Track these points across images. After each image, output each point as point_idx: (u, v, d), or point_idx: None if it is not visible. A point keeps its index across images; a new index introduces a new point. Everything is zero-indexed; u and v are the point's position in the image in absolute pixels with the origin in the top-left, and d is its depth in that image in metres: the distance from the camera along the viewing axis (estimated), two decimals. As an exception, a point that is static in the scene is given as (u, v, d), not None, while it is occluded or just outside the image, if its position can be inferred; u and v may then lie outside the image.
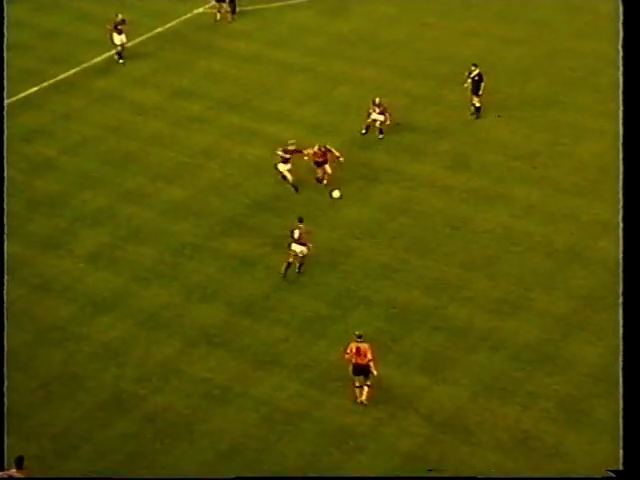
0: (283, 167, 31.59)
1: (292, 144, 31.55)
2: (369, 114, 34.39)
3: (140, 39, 40.92)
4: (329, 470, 22.53)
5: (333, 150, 31.48)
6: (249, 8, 43.89)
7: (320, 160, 31.52)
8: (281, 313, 27.23)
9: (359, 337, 23.92)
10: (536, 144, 33.92)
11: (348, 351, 23.90)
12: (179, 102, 37.54)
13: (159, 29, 42.20)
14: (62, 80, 38.48)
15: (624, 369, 24.14)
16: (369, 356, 23.70)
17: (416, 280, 28.15)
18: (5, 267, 21.17)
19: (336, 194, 30.73)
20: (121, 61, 39.63)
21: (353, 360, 23.89)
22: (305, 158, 31.64)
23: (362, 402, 24.15)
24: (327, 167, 31.60)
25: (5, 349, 20.88)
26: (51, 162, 33.90)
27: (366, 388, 24.10)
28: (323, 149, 31.37)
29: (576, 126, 34.71)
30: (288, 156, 31.35)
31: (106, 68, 39.87)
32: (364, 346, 23.79)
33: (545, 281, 27.93)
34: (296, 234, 27.96)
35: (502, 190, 31.68)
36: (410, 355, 25.62)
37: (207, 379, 25.09)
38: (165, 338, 26.47)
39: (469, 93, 34.77)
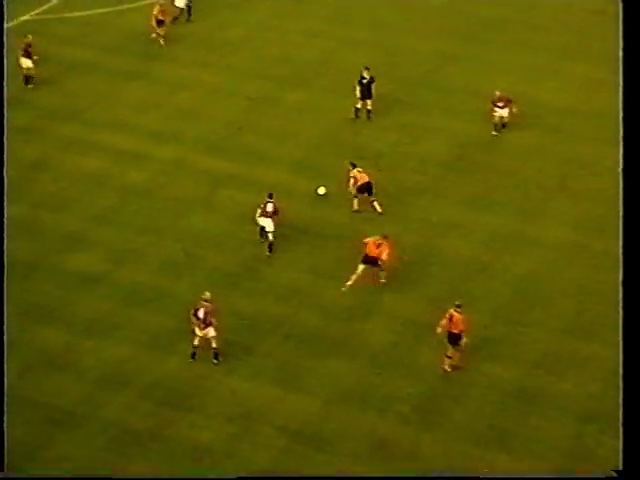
0: None
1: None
2: (493, 113, 34.02)
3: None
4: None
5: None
6: (76, 14, 42.33)
7: None
8: (128, 330, 26.17)
9: (458, 306, 24.35)
10: (381, 144, 33.94)
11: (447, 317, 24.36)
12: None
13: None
14: None
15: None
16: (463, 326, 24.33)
17: (267, 289, 27.57)
18: None
19: (322, 190, 29.88)
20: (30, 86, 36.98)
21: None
22: None
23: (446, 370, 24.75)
24: None
25: None
26: None
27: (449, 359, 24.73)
28: None
29: (416, 127, 34.90)
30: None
31: None
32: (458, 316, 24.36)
33: (394, 283, 27.74)
34: (269, 207, 28.22)
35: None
36: (263, 366, 25.07)
37: (48, 403, 23.89)
38: None
39: (358, 98, 34.53)
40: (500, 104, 34.00)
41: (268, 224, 28.46)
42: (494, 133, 34.33)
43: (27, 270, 28.23)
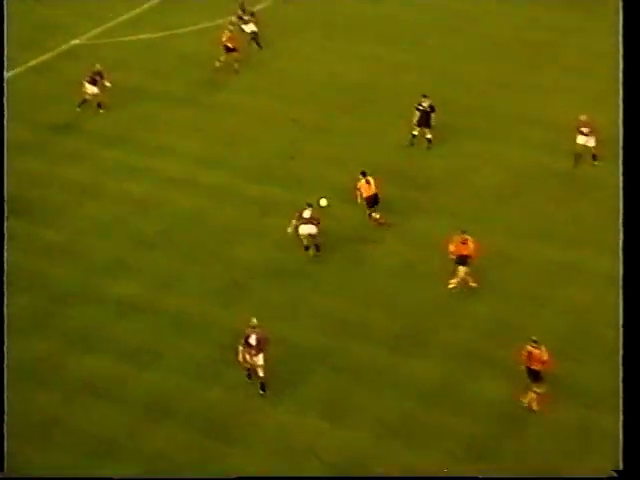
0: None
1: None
2: (576, 140, 31.86)
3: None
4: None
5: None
6: (126, 39, 42.34)
7: None
8: (172, 359, 25.71)
9: (535, 342, 23.67)
10: (436, 172, 33.29)
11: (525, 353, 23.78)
12: (52, 137, 35.61)
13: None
14: None
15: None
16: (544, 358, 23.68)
17: (315, 319, 27.00)
18: None
19: (323, 202, 29.38)
20: (101, 111, 36.90)
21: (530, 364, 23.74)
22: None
23: (531, 408, 23.97)
24: None
25: None
26: None
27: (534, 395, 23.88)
28: None
29: (472, 155, 34.29)
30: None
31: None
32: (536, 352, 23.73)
33: (445, 313, 27.05)
34: (306, 214, 28.32)
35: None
36: (310, 398, 24.47)
37: (90, 432, 23.52)
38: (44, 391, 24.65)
39: (414, 125, 33.90)
40: (585, 130, 31.57)
41: (311, 229, 28.52)
42: (575, 166, 32.54)
43: (70, 296, 27.98)
